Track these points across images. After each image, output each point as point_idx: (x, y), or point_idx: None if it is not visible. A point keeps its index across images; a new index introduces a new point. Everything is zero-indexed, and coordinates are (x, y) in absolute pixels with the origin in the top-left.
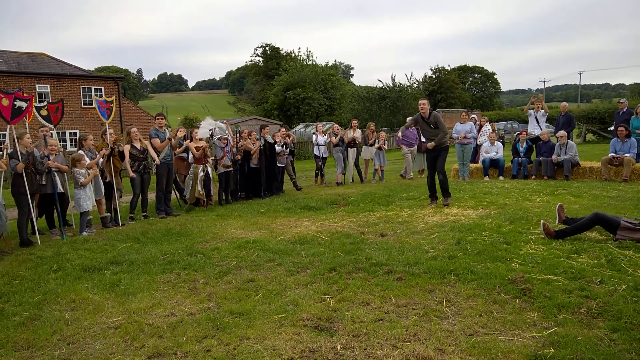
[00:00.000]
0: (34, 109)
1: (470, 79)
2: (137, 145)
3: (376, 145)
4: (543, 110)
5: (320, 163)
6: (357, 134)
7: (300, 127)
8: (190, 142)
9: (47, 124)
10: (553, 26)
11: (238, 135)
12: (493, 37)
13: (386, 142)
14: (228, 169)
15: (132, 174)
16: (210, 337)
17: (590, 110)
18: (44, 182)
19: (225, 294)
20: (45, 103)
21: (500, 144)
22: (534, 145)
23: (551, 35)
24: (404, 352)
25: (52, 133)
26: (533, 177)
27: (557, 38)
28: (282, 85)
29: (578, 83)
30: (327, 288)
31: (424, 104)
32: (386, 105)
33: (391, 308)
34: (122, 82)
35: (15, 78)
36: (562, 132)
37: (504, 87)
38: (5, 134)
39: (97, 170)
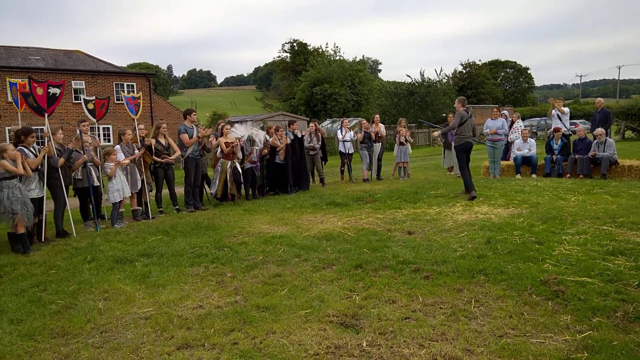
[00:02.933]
0: (82, 101)
1: (502, 74)
2: (162, 141)
3: (397, 141)
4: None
5: (345, 159)
6: (380, 127)
7: (327, 123)
8: (221, 137)
9: (91, 117)
10: (590, 19)
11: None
12: (527, 31)
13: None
14: (254, 165)
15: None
16: (237, 330)
17: (630, 107)
18: (79, 177)
19: (252, 288)
20: (94, 97)
21: (533, 141)
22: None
23: (588, 28)
24: (430, 352)
25: (94, 127)
26: (568, 175)
27: (594, 31)
28: (309, 81)
29: (617, 78)
30: (353, 285)
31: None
32: (414, 101)
33: (418, 307)
34: (153, 79)
35: (52, 74)
36: (600, 130)
37: (538, 82)
38: (41, 128)
39: (120, 161)
